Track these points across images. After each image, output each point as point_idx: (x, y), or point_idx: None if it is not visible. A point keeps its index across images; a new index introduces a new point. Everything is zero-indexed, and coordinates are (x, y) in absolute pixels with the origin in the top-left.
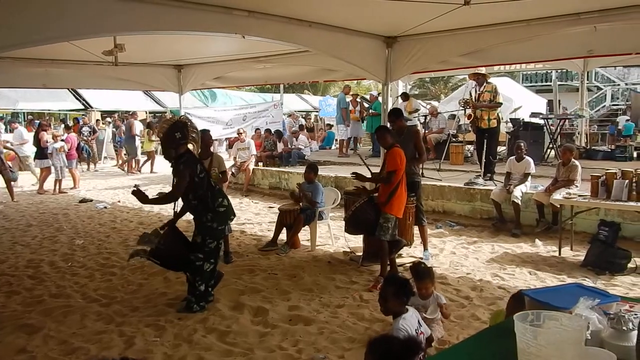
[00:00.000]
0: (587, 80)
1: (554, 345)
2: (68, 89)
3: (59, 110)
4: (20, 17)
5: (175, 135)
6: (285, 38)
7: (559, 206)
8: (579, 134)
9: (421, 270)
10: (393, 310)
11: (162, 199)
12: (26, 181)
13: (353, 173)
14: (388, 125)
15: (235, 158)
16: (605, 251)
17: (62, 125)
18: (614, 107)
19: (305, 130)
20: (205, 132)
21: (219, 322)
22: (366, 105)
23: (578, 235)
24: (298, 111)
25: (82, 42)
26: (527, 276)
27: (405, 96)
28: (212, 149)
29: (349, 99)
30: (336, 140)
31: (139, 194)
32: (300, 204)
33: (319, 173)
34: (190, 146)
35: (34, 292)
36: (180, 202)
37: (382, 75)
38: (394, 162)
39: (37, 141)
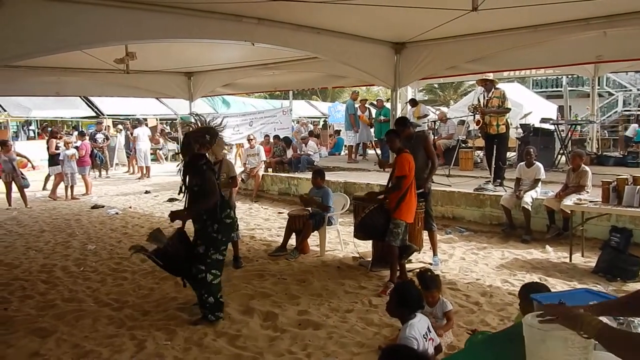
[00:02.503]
0: (598, 85)
1: (563, 349)
2: (80, 97)
3: (72, 118)
4: (33, 26)
5: (205, 136)
6: (295, 45)
7: (569, 212)
8: (590, 139)
9: (428, 279)
10: (397, 315)
11: (199, 207)
12: None
13: (368, 194)
14: None
15: (245, 164)
16: (617, 258)
17: (76, 133)
18: (626, 113)
19: (314, 136)
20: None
21: (229, 326)
22: (373, 111)
23: (589, 242)
24: (307, 117)
25: (94, 50)
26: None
27: (413, 102)
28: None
29: (357, 104)
30: (345, 146)
31: (176, 216)
32: (310, 209)
33: (329, 179)
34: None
35: (47, 296)
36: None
37: (391, 81)
38: (403, 168)
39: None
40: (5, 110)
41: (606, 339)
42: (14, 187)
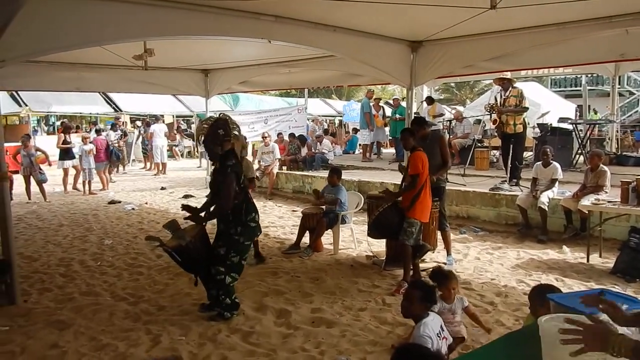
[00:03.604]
0: (619, 85)
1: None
2: (99, 93)
3: (90, 114)
4: (53, 23)
5: (218, 132)
6: (311, 43)
7: (587, 212)
8: (609, 139)
9: (443, 274)
10: (415, 313)
11: (215, 214)
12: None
13: (383, 191)
14: None
15: (259, 162)
16: (636, 258)
17: (94, 128)
18: None
19: (330, 135)
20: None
21: (242, 322)
22: (387, 109)
23: (607, 242)
24: (322, 116)
25: (114, 46)
26: (553, 283)
27: (429, 100)
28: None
29: (372, 103)
30: (360, 145)
31: (192, 217)
32: (324, 207)
33: (343, 177)
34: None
35: (65, 289)
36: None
37: (407, 80)
38: (416, 166)
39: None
40: (26, 105)
41: None
42: (34, 182)
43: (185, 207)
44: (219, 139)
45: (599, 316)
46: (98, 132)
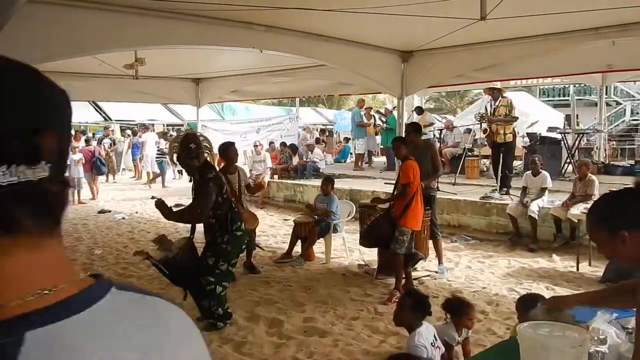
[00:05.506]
0: (606, 95)
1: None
2: (89, 102)
3: (79, 122)
4: (44, 32)
5: (190, 146)
6: (302, 52)
7: (576, 221)
8: (597, 149)
9: (463, 302)
10: (406, 322)
11: (185, 217)
12: None
13: (373, 199)
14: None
15: (250, 170)
16: (625, 267)
17: (83, 138)
18: (634, 122)
19: (322, 143)
20: (231, 145)
21: (234, 332)
22: (383, 119)
23: (596, 251)
24: (313, 124)
25: (104, 56)
26: (544, 291)
27: (419, 110)
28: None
29: (362, 112)
30: (351, 153)
31: (161, 206)
32: (315, 216)
33: (335, 186)
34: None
35: None
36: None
37: (398, 89)
38: (407, 175)
39: None
40: None
41: None
42: None
43: (158, 202)
44: (192, 152)
45: (587, 324)
46: (87, 142)
